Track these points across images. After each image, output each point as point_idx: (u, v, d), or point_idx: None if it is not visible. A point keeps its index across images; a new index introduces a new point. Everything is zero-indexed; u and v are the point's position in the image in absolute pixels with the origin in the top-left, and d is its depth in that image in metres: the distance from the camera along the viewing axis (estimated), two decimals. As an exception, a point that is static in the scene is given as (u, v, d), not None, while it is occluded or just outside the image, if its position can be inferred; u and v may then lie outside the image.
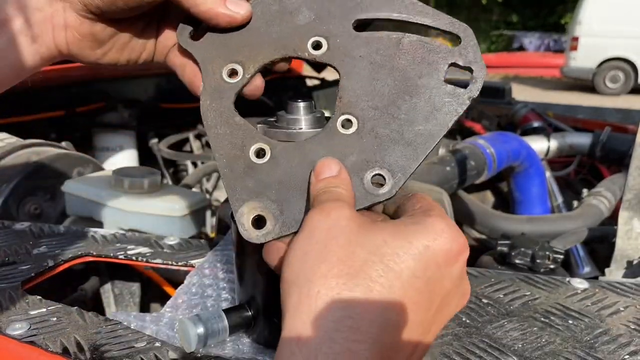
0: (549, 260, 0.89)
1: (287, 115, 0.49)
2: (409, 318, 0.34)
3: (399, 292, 0.34)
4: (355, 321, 0.32)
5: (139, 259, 0.73)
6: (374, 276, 0.34)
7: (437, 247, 0.36)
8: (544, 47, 14.25)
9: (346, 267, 0.34)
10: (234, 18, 0.46)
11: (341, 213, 0.36)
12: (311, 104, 0.49)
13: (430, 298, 0.35)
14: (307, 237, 0.36)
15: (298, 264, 0.35)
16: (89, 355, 0.50)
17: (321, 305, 0.33)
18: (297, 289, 0.34)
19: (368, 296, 0.33)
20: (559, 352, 0.52)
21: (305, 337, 0.32)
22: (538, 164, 1.47)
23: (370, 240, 0.35)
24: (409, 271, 0.34)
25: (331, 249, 0.35)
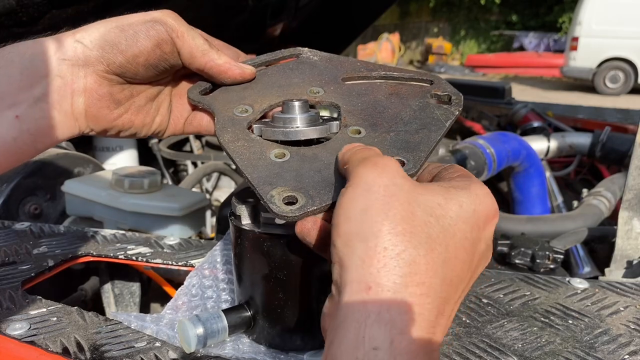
0: (549, 260, 0.89)
1: (283, 115, 0.50)
2: (459, 274, 0.37)
3: (453, 252, 0.36)
4: (421, 277, 0.34)
5: (139, 259, 0.73)
6: (433, 236, 0.36)
7: (481, 211, 0.39)
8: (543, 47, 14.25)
9: (409, 226, 0.35)
10: (244, 70, 0.54)
11: (396, 170, 0.38)
12: (306, 103, 0.50)
13: (472, 258, 0.38)
14: (365, 191, 0.37)
15: (360, 217, 0.36)
16: (89, 355, 0.50)
17: (390, 261, 0.34)
18: (362, 243, 0.35)
19: (430, 254, 0.35)
20: (559, 352, 0.52)
21: (375, 289, 0.34)
22: (538, 164, 1.47)
23: (427, 202, 0.37)
24: (460, 233, 0.37)
25: (393, 205, 0.36)
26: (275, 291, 0.50)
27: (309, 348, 0.52)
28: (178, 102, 0.57)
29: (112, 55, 0.47)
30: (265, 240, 0.49)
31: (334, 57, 0.60)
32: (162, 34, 0.48)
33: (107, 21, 0.48)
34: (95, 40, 0.47)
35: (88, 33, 0.47)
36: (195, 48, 0.50)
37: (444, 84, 0.54)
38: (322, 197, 0.43)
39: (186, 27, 0.50)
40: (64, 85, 0.47)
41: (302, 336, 0.52)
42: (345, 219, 0.37)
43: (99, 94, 0.49)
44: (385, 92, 0.54)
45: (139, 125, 0.53)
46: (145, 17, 0.48)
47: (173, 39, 0.49)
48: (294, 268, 0.48)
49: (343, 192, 0.38)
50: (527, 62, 12.66)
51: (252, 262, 0.50)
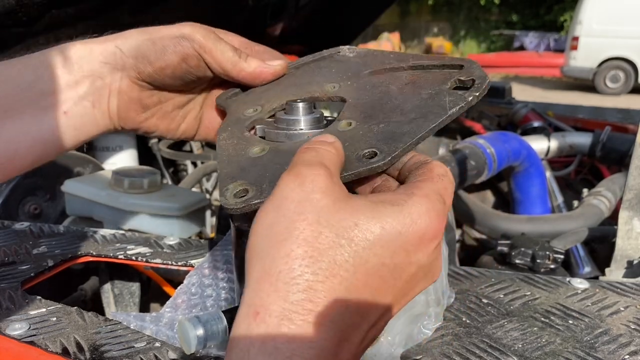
0: (549, 260, 0.89)
1: (286, 116, 0.49)
2: (370, 302, 0.34)
3: (362, 279, 0.34)
4: (315, 304, 0.32)
5: (138, 259, 0.73)
6: (339, 261, 0.33)
7: (410, 234, 0.35)
8: (544, 46, 14.25)
9: (311, 249, 0.33)
10: (275, 69, 0.55)
11: (316, 184, 0.34)
12: (310, 104, 0.49)
13: (394, 284, 0.35)
14: (276, 207, 0.34)
15: (264, 234, 0.34)
16: (88, 356, 0.50)
17: (281, 286, 0.32)
18: (260, 263, 0.33)
19: (330, 281, 0.32)
20: (559, 352, 0.52)
21: (263, 314, 0.32)
22: (538, 164, 1.46)
23: (341, 221, 0.34)
24: (376, 258, 0.34)
25: (298, 225, 0.33)
26: None
27: None
28: (211, 109, 0.59)
29: (143, 65, 0.51)
30: None
31: (369, 52, 0.58)
32: (188, 49, 0.51)
33: (143, 32, 0.52)
34: (131, 49, 0.51)
35: (127, 41, 0.51)
36: (225, 61, 0.52)
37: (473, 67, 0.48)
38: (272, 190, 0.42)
39: (214, 41, 0.51)
40: (104, 86, 0.51)
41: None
42: (253, 232, 0.35)
43: (129, 97, 0.53)
44: (402, 82, 0.50)
45: (164, 130, 0.57)
46: (175, 32, 0.51)
47: (200, 54, 0.51)
48: None
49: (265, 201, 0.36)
50: (528, 61, 12.65)
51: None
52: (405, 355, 0.52)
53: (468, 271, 0.70)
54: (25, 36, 1.15)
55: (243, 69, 0.53)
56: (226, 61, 0.52)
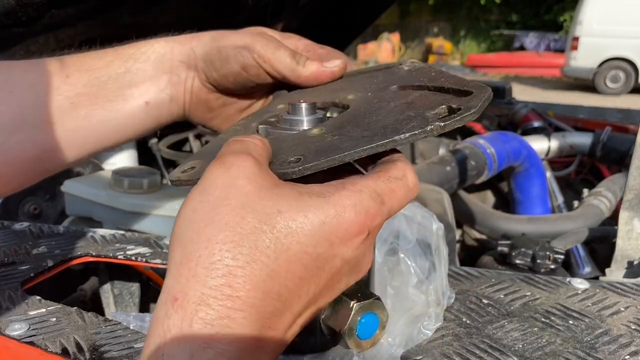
0: (549, 260, 0.89)
1: (289, 116, 0.49)
2: (292, 290, 0.34)
3: (284, 265, 0.33)
4: (234, 289, 0.32)
5: (138, 259, 0.73)
6: (260, 246, 0.33)
7: (334, 225, 0.34)
8: (544, 46, 14.25)
9: (232, 234, 0.33)
10: (333, 71, 0.56)
11: (242, 170, 0.35)
12: (314, 104, 0.49)
13: (317, 274, 0.35)
14: (200, 192, 0.35)
15: (186, 221, 0.34)
16: (88, 356, 0.50)
17: (200, 271, 0.32)
18: (181, 248, 0.33)
19: (251, 266, 0.32)
20: (559, 352, 0.51)
21: (181, 300, 0.31)
22: (538, 164, 1.46)
23: (264, 207, 0.34)
24: (298, 246, 0.34)
25: (221, 210, 0.33)
26: None
27: (309, 351, 0.52)
28: None
29: (209, 70, 0.55)
30: None
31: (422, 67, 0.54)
32: (248, 59, 0.53)
33: (213, 38, 0.55)
34: (203, 54, 0.55)
35: (200, 45, 0.56)
36: (283, 69, 0.54)
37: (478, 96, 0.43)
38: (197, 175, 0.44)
39: (273, 50, 0.53)
40: (179, 82, 0.56)
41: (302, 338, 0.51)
42: (178, 217, 0.35)
43: (198, 98, 0.57)
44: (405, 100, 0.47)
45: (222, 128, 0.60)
46: (238, 41, 0.54)
47: (260, 64, 0.54)
48: None
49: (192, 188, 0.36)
50: (528, 61, 12.66)
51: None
52: (405, 356, 0.51)
53: (468, 271, 0.70)
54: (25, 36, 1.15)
55: (301, 75, 0.55)
56: (284, 68, 0.54)
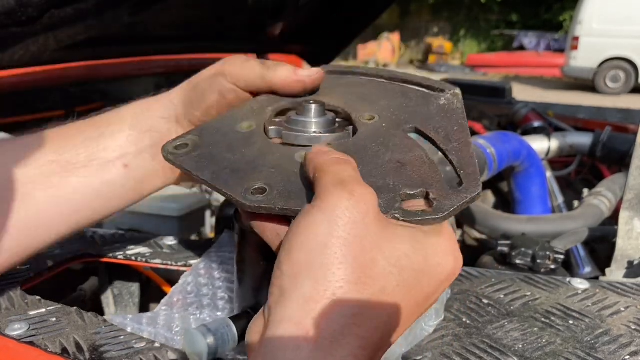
0: (549, 260, 0.89)
1: (299, 117, 0.48)
2: (401, 325, 0.36)
3: (404, 305, 0.35)
4: (362, 331, 0.33)
5: (138, 259, 0.73)
6: (388, 290, 0.34)
7: (445, 268, 0.37)
8: (544, 46, 14.25)
9: (365, 276, 0.33)
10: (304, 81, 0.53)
11: (370, 206, 0.35)
12: (323, 105, 0.49)
13: (420, 311, 0.38)
14: (331, 223, 0.34)
15: (316, 252, 0.34)
16: (88, 356, 0.50)
17: (334, 308, 0.33)
18: (311, 282, 0.33)
19: (379, 308, 0.34)
20: (559, 352, 0.51)
21: (315, 336, 0.32)
22: (539, 164, 1.46)
23: (393, 250, 0.35)
24: (419, 288, 0.36)
25: (354, 249, 0.34)
26: None
27: None
28: None
29: (190, 112, 0.54)
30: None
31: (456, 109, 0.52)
32: (222, 84, 0.53)
33: (188, 81, 0.55)
34: (180, 100, 0.54)
35: (178, 94, 0.55)
36: (254, 77, 0.53)
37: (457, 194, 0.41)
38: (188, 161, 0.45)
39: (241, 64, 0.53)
40: (161, 139, 0.52)
41: None
42: (300, 246, 0.34)
43: None
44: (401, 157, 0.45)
45: None
46: (209, 72, 0.54)
47: (234, 83, 0.53)
48: None
49: (306, 212, 0.35)
50: (528, 61, 12.66)
51: (264, 268, 0.49)
52: (406, 356, 0.51)
53: (468, 271, 0.70)
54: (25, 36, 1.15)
55: (271, 79, 0.53)
56: (255, 77, 0.53)
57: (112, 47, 1.56)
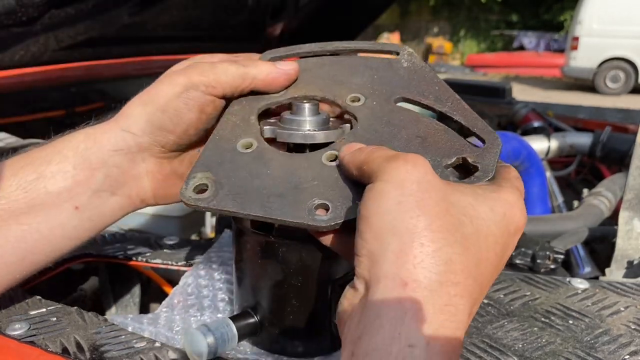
0: (549, 260, 0.89)
1: (293, 117, 0.48)
2: (488, 278, 0.37)
3: (485, 254, 0.36)
4: (456, 277, 0.34)
5: (138, 259, 0.73)
6: (467, 236, 0.35)
7: (511, 217, 0.38)
8: (544, 46, 14.25)
9: (445, 223, 0.34)
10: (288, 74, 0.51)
11: (427, 167, 0.36)
12: (317, 104, 0.49)
13: (501, 263, 0.38)
14: (398, 186, 0.35)
15: (393, 211, 0.35)
16: (88, 356, 0.50)
17: (426, 258, 0.33)
18: (396, 238, 0.34)
19: (465, 254, 0.34)
20: (559, 352, 0.52)
21: (412, 286, 0.33)
22: (538, 164, 1.46)
23: (459, 201, 0.36)
24: (492, 237, 0.37)
25: (427, 201, 0.35)
26: (289, 297, 0.49)
27: (318, 353, 0.52)
28: None
29: (163, 136, 0.48)
30: (280, 246, 0.47)
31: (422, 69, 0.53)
32: (200, 98, 0.48)
33: (145, 103, 0.48)
34: (143, 127, 0.48)
35: (133, 121, 0.48)
36: (233, 79, 0.49)
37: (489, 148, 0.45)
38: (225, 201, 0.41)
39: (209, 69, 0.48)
40: (123, 174, 0.48)
41: (313, 341, 0.51)
42: (377, 212, 0.35)
43: (163, 175, 0.50)
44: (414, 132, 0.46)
45: None
46: (175, 89, 0.47)
47: (210, 92, 0.48)
48: (310, 273, 0.48)
49: (372, 187, 0.37)
50: (528, 61, 12.65)
51: (263, 268, 0.49)
52: (406, 356, 0.51)
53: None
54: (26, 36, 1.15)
55: (255, 76, 0.49)
56: (234, 79, 0.49)
57: (112, 47, 1.56)
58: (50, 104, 1.63)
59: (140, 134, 0.48)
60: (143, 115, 0.48)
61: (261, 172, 0.44)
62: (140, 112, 0.48)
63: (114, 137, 0.48)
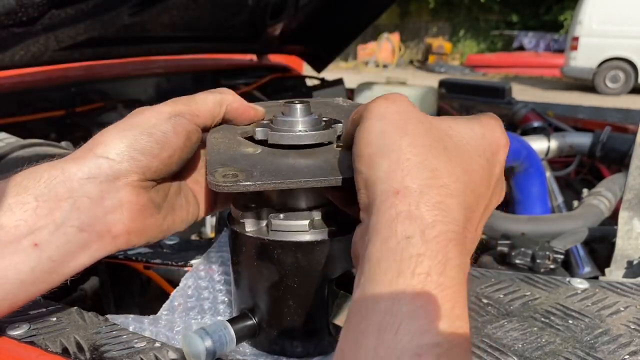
0: (549, 260, 0.89)
1: (285, 118, 0.48)
2: (479, 188, 0.39)
3: (469, 164, 0.39)
4: (444, 180, 0.36)
5: (138, 259, 0.73)
6: (450, 149, 0.38)
7: (491, 136, 0.41)
8: (543, 46, 14.25)
9: (427, 139, 0.37)
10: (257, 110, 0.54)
11: (404, 100, 0.40)
12: (308, 105, 0.49)
13: (489, 176, 0.41)
14: (380, 118, 0.39)
15: (379, 140, 0.38)
16: (88, 356, 0.50)
17: (413, 169, 0.36)
18: (385, 159, 0.37)
19: (450, 163, 0.37)
20: (559, 352, 0.52)
21: (404, 191, 0.35)
22: (538, 164, 1.47)
23: (439, 124, 0.40)
24: (474, 151, 0.40)
25: (409, 125, 0.38)
26: (286, 299, 0.49)
27: (317, 353, 0.52)
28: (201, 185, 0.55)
29: (147, 162, 0.45)
30: (275, 247, 0.47)
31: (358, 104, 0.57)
32: (187, 125, 0.47)
33: (125, 128, 0.46)
34: (123, 152, 0.44)
35: (111, 146, 0.44)
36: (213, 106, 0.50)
37: None
38: (263, 178, 0.42)
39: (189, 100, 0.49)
40: (93, 205, 0.44)
41: (311, 341, 0.51)
42: (365, 143, 0.39)
43: (140, 205, 0.46)
44: None
45: (179, 222, 0.52)
46: (162, 115, 0.47)
47: (195, 122, 0.48)
48: (306, 274, 0.48)
49: (359, 127, 0.40)
50: (527, 62, 12.66)
51: (259, 270, 0.49)
52: (405, 356, 0.51)
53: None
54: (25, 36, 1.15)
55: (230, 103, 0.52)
56: (213, 105, 0.50)
57: (112, 47, 1.56)
58: (50, 104, 1.63)
59: (118, 160, 0.44)
60: (123, 141, 0.45)
61: (283, 159, 0.46)
62: (120, 137, 0.45)
63: (86, 164, 0.44)
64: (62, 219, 0.43)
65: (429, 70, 14.04)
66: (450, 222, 0.35)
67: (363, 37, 12.50)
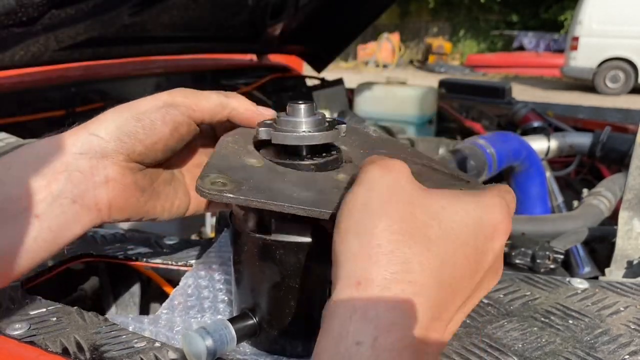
0: (549, 260, 0.89)
1: (288, 118, 0.48)
2: (458, 281, 0.36)
3: (452, 256, 0.36)
4: (413, 276, 0.34)
5: (138, 259, 0.73)
6: (432, 238, 0.35)
7: (487, 221, 0.38)
8: (543, 46, 14.25)
9: (406, 225, 0.35)
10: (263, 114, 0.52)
11: (402, 173, 0.38)
12: (312, 105, 0.49)
13: (475, 268, 0.37)
14: (367, 189, 0.37)
15: (358, 214, 0.36)
16: (88, 355, 0.50)
17: (381, 258, 0.34)
18: (357, 239, 0.35)
19: (425, 254, 0.34)
20: (559, 352, 0.52)
21: (365, 284, 0.33)
22: (538, 164, 1.47)
23: (429, 204, 0.36)
24: (462, 238, 0.36)
25: (392, 205, 0.35)
26: (287, 299, 0.49)
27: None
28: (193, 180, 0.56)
29: (131, 144, 0.47)
30: (278, 247, 0.47)
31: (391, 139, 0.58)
32: (177, 117, 0.48)
33: (120, 111, 0.48)
34: (112, 132, 0.47)
35: (103, 125, 0.47)
36: (214, 106, 0.50)
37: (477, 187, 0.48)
38: (250, 194, 0.41)
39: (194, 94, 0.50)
40: (84, 179, 0.46)
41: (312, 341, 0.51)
42: (345, 215, 0.36)
43: (123, 184, 0.48)
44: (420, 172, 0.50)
45: (161, 211, 0.54)
46: (156, 102, 0.48)
47: (190, 115, 0.49)
48: (308, 274, 0.47)
49: (352, 187, 0.38)
50: (527, 62, 12.67)
51: (261, 269, 0.49)
52: (405, 355, 0.51)
53: (468, 271, 0.70)
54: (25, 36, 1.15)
55: (235, 108, 0.51)
56: (215, 105, 0.50)
57: (112, 47, 1.56)
58: (50, 104, 1.63)
59: (107, 139, 0.47)
60: (115, 121, 0.47)
61: (279, 179, 0.45)
62: (112, 118, 0.48)
63: (80, 140, 0.47)
64: (58, 191, 0.45)
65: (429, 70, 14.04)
66: (409, 327, 0.32)
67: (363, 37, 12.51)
